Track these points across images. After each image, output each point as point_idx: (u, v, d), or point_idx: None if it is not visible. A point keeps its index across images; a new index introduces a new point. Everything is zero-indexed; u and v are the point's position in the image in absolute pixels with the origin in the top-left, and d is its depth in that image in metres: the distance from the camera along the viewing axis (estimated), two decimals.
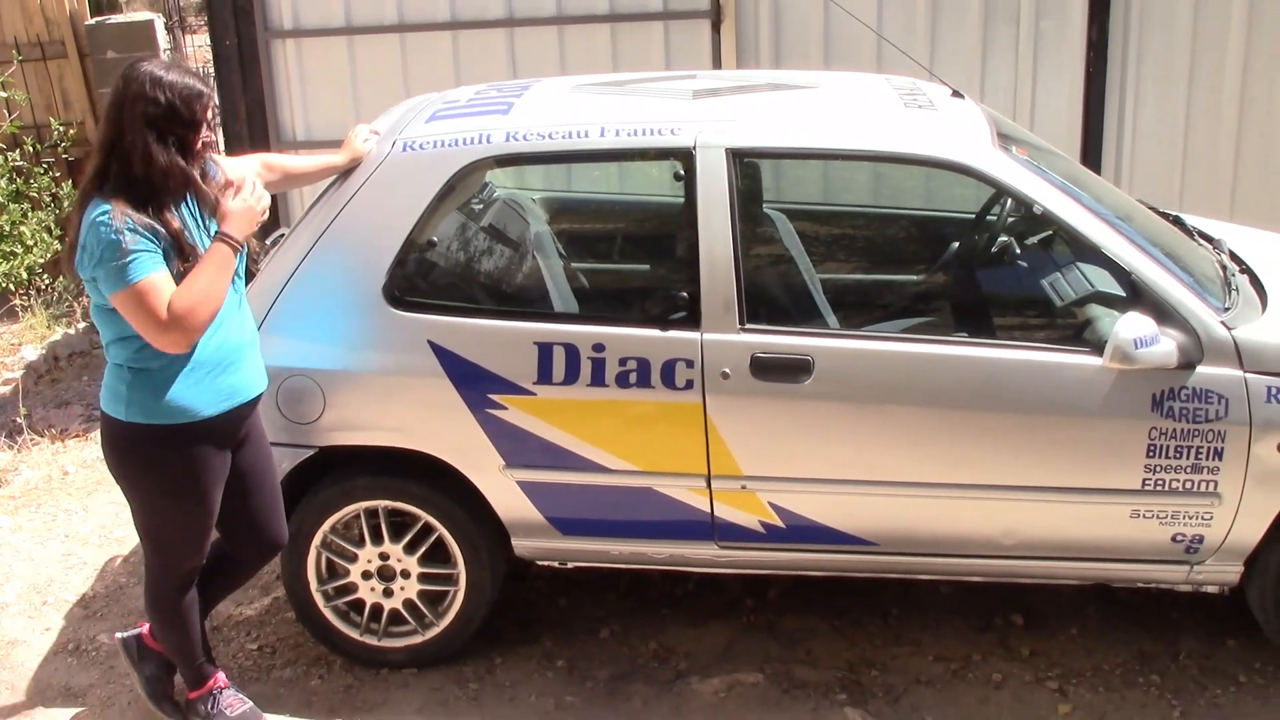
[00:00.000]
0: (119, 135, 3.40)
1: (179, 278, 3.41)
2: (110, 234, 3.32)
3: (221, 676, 4.03)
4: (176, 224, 3.44)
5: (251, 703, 4.04)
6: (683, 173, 3.98)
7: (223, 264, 3.49)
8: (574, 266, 4.84)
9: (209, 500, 3.69)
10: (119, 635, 4.13)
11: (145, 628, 4.06)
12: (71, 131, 9.20)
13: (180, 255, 3.43)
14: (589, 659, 4.39)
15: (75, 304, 8.41)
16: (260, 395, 3.77)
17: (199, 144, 3.48)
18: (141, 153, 3.39)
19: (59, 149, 9.13)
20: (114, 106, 3.43)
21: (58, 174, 9.04)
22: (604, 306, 4.90)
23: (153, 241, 3.37)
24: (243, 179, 3.62)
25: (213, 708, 3.97)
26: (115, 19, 9.62)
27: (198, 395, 3.54)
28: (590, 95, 4.47)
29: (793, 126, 4.18)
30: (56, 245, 8.58)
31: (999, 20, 6.57)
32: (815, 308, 4.49)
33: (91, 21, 9.38)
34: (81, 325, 8.18)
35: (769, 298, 4.28)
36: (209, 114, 3.51)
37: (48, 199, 8.90)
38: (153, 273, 3.35)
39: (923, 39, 6.58)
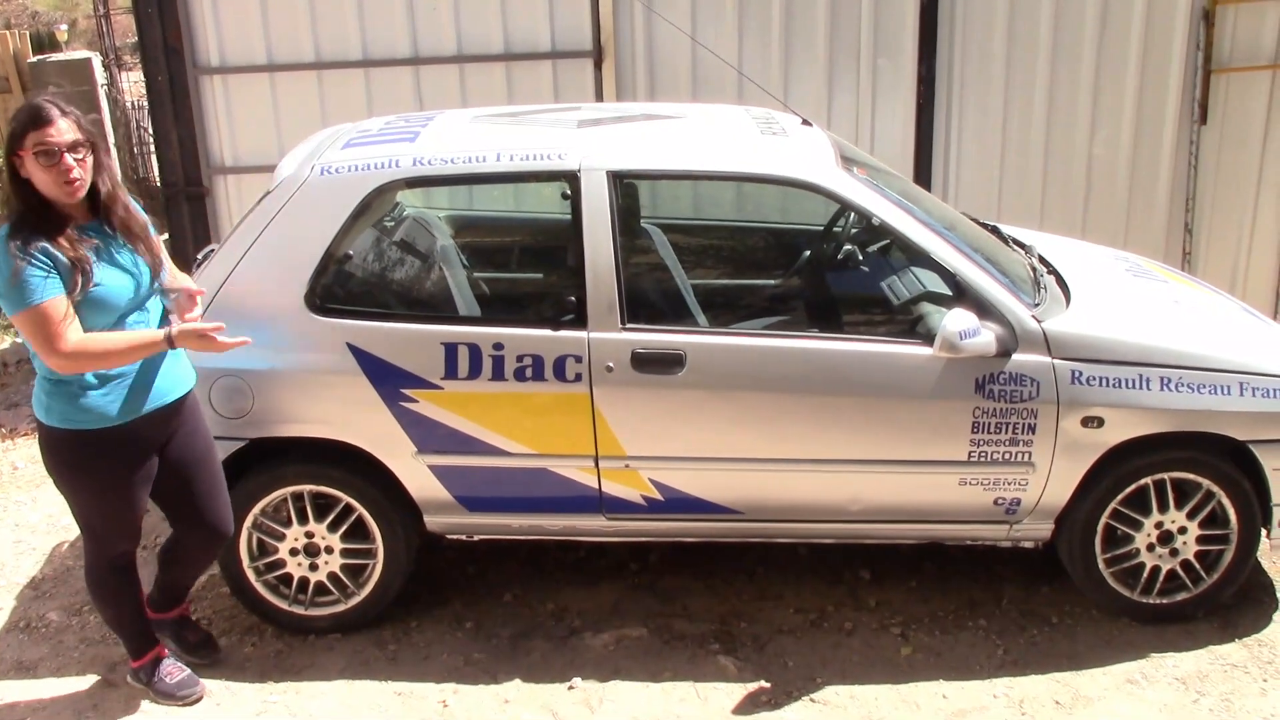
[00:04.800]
0: (6, 171, 3.27)
1: (77, 300, 3.27)
2: (3, 255, 3.19)
3: (163, 649, 3.95)
4: (71, 250, 3.25)
5: (189, 670, 3.97)
6: (569, 192, 3.99)
7: (147, 349, 3.36)
8: (476, 275, 4.82)
9: (131, 495, 3.58)
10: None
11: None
12: None
13: (74, 274, 3.25)
14: (494, 619, 4.38)
15: None
16: (181, 399, 3.63)
17: (59, 169, 3.23)
18: (13, 182, 3.25)
19: (5, 175, 8.88)
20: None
21: (3, 198, 8.78)
22: (503, 310, 4.88)
23: (47, 265, 3.21)
24: (206, 327, 3.39)
25: (153, 676, 3.90)
26: (56, 57, 9.37)
27: (112, 403, 3.41)
28: (487, 125, 4.45)
29: (665, 151, 4.20)
30: None
31: (843, 58, 6.64)
32: (687, 309, 4.51)
33: (34, 59, 9.12)
34: None
35: (646, 301, 4.29)
36: (53, 139, 3.21)
37: None
38: (49, 298, 3.20)
39: (777, 75, 6.64)
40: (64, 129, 3.24)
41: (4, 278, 3.21)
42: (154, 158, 7.45)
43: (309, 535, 4.17)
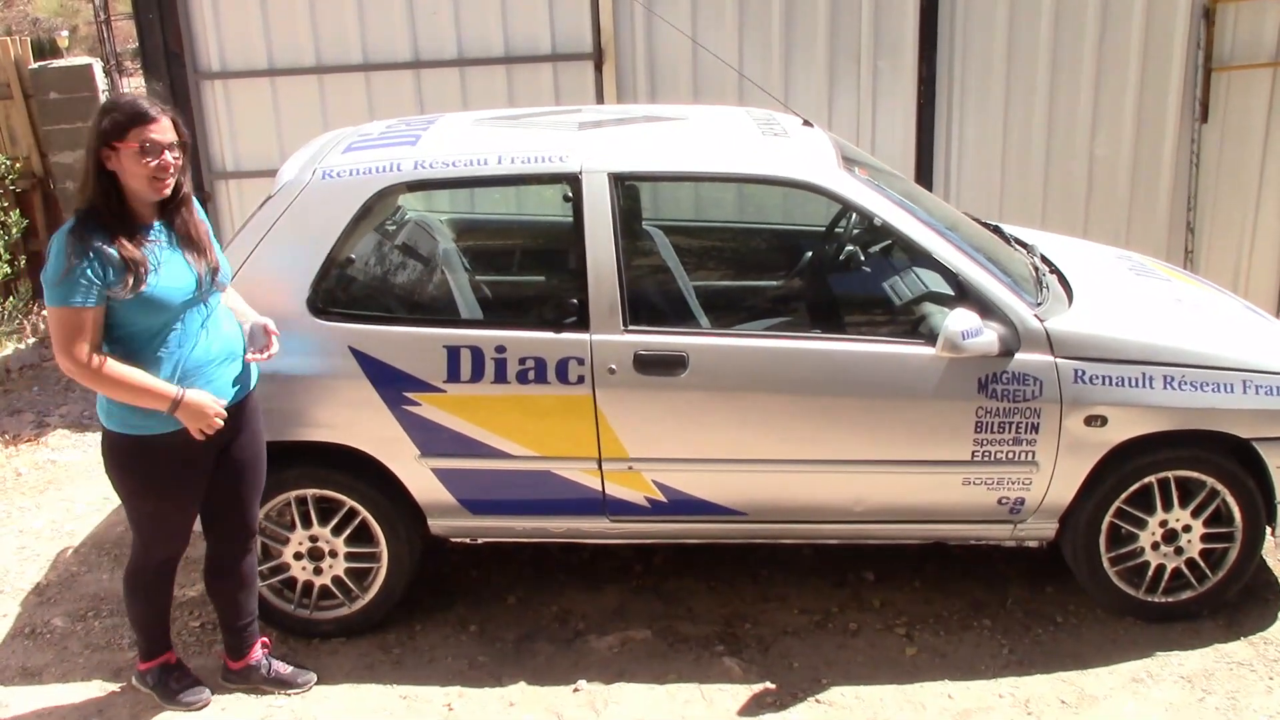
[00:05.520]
0: (88, 162, 3.28)
1: (122, 298, 3.27)
2: (59, 249, 3.22)
3: (174, 655, 3.95)
4: (130, 250, 3.27)
5: (195, 676, 3.97)
6: (571, 195, 3.99)
7: (150, 401, 3.35)
8: (478, 278, 4.82)
9: (183, 500, 3.60)
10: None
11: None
12: (18, 165, 8.94)
13: (126, 275, 3.26)
14: (498, 622, 4.38)
15: (25, 322, 8.18)
16: (241, 403, 3.63)
17: (151, 166, 3.28)
18: (97, 176, 3.26)
19: (6, 181, 8.86)
20: (87, 137, 3.31)
21: (5, 204, 8.78)
22: (505, 313, 4.89)
23: (98, 269, 3.22)
24: (212, 409, 3.42)
25: (160, 681, 3.90)
26: (57, 63, 9.34)
27: (163, 414, 3.39)
28: (488, 128, 4.45)
29: (666, 153, 4.20)
30: (6, 269, 8.34)
31: (843, 59, 6.65)
32: (689, 310, 4.52)
33: (35, 65, 9.11)
34: (31, 340, 7.96)
35: (649, 302, 4.29)
36: (156, 136, 3.27)
37: None
38: (82, 305, 3.23)
39: (778, 76, 6.64)
40: (166, 128, 3.32)
41: (55, 269, 3.23)
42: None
43: (313, 539, 4.18)
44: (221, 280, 3.57)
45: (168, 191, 3.37)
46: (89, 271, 3.23)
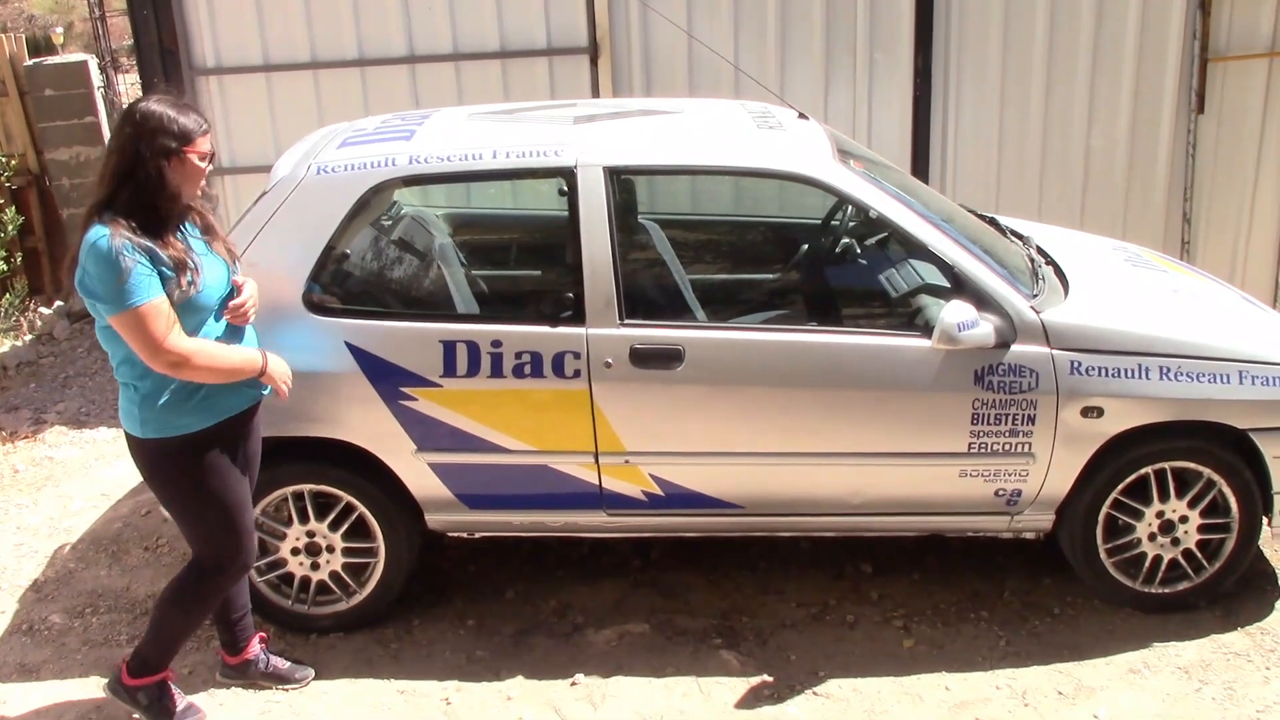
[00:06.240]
0: (134, 165, 3.26)
1: (178, 297, 3.28)
2: (110, 255, 3.18)
3: (172, 672, 3.82)
4: (178, 245, 3.31)
5: (190, 700, 3.86)
6: (566, 189, 3.98)
7: (241, 371, 3.43)
8: (474, 273, 4.82)
9: (232, 495, 3.56)
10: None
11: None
12: (13, 162, 8.93)
13: (179, 274, 3.28)
14: (496, 617, 4.38)
15: (21, 318, 8.16)
16: (256, 405, 3.64)
17: (205, 173, 3.39)
18: (157, 181, 3.26)
19: (2, 178, 8.85)
20: (130, 140, 3.27)
21: (1, 201, 8.77)
22: (501, 307, 4.88)
23: (149, 264, 3.23)
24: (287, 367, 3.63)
25: (156, 698, 3.76)
26: (52, 60, 9.34)
27: (199, 409, 3.42)
28: (484, 122, 4.45)
29: (661, 147, 4.20)
30: (2, 266, 8.34)
31: (839, 52, 6.64)
32: (685, 304, 4.51)
33: (30, 63, 9.10)
34: (28, 338, 7.94)
35: (645, 296, 4.29)
36: (210, 144, 3.41)
37: None
38: (153, 298, 3.22)
39: (773, 69, 6.64)
40: (209, 135, 3.46)
41: (111, 277, 3.20)
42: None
43: (310, 535, 4.17)
44: (236, 270, 3.59)
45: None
46: (144, 267, 3.22)
